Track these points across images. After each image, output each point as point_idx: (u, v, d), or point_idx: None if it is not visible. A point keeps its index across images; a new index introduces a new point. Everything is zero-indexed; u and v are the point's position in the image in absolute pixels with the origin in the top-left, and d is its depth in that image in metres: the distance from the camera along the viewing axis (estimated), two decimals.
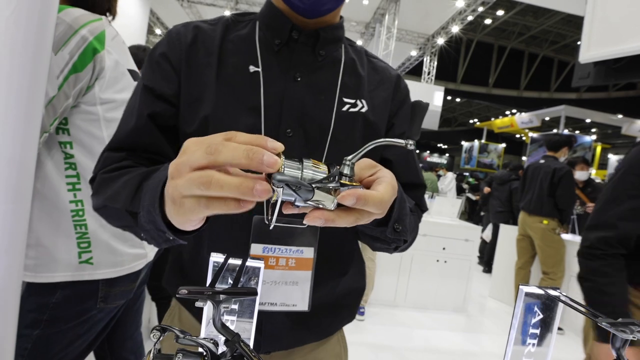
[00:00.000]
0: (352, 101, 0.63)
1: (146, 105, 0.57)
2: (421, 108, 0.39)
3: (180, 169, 0.33)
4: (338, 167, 0.34)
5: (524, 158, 14.79)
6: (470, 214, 8.66)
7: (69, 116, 0.91)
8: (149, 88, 0.58)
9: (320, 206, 0.33)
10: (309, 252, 0.59)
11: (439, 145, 27.71)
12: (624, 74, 2.97)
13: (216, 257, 0.44)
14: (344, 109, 0.62)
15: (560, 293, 0.48)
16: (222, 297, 0.34)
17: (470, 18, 8.55)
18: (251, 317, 0.45)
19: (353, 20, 9.13)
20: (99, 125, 0.94)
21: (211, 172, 0.30)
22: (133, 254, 1.01)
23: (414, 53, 10.63)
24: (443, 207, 4.00)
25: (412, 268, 3.43)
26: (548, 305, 0.48)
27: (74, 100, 0.89)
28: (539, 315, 0.48)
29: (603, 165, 13.45)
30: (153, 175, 0.44)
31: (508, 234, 4.08)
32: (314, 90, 0.61)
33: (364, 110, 0.63)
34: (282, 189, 0.31)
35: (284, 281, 0.58)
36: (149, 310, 2.26)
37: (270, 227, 0.35)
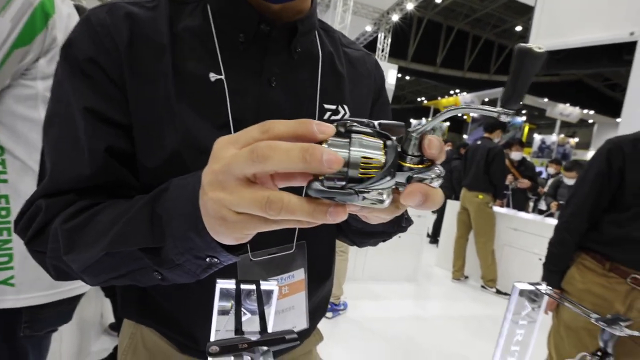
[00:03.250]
0: (334, 107, 0.56)
1: (97, 136, 0.43)
2: (532, 58, 0.25)
3: (222, 180, 0.26)
4: (396, 144, 0.26)
5: (465, 136, 15.90)
6: None
7: None
8: (92, 111, 0.43)
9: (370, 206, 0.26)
10: (299, 274, 0.56)
11: None
12: (563, 65, 3.29)
13: (224, 284, 0.39)
14: (325, 117, 0.55)
15: (547, 288, 0.55)
16: (263, 349, 0.30)
17: None
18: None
19: None
20: (35, 104, 0.73)
21: (278, 195, 0.24)
22: None
23: (369, 28, 10.62)
24: None
25: None
26: (535, 300, 0.55)
27: (13, 79, 0.71)
28: (527, 308, 0.55)
29: (529, 143, 14.95)
30: (168, 196, 0.36)
31: (453, 209, 4.44)
32: (292, 96, 0.52)
33: (345, 117, 0.56)
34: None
35: (280, 310, 0.54)
36: (101, 306, 2.11)
37: None
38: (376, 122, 0.27)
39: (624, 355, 1.24)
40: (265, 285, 0.40)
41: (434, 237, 5.66)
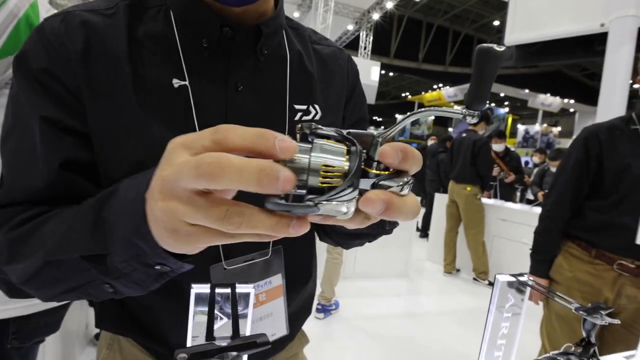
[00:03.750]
0: (304, 107, 0.55)
1: (53, 148, 0.42)
2: (493, 57, 0.24)
3: (171, 188, 0.24)
4: (362, 151, 0.25)
5: (450, 129, 16.10)
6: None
7: None
8: (49, 120, 0.42)
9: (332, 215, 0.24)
10: (277, 280, 0.54)
11: (374, 118, 28.76)
12: (539, 57, 3.37)
13: (199, 289, 0.39)
14: (296, 118, 0.54)
15: (528, 279, 0.55)
16: (232, 354, 0.30)
17: None
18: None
19: None
20: None
21: (238, 208, 0.23)
22: None
23: (350, 27, 10.68)
24: None
25: None
26: (518, 291, 0.55)
27: None
28: (510, 300, 0.54)
29: (513, 134, 15.23)
30: (116, 197, 0.33)
31: (442, 202, 4.48)
32: (261, 99, 0.51)
33: (317, 117, 0.56)
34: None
35: (258, 318, 0.53)
36: (86, 316, 2.07)
37: None
38: (345, 131, 0.26)
39: (618, 343, 1.25)
40: (241, 289, 0.40)
41: (424, 230, 5.70)
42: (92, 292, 0.38)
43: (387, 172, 0.25)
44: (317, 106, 0.56)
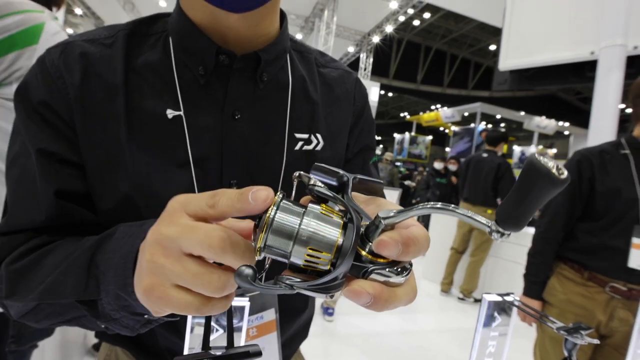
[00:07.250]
0: (305, 136, 0.52)
1: (50, 180, 0.42)
2: (546, 183, 0.17)
3: (168, 245, 0.25)
4: (359, 224, 0.22)
5: (447, 149, 16.23)
6: (404, 200, 9.42)
7: None
8: (46, 153, 0.42)
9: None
10: (269, 314, 0.51)
11: None
12: (533, 82, 3.47)
13: None
14: (297, 147, 0.51)
15: (514, 299, 0.57)
16: None
17: (402, 19, 9.06)
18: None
19: (292, 13, 9.09)
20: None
21: (227, 275, 0.25)
22: None
23: (351, 49, 10.95)
24: (386, 196, 4.24)
25: None
26: (505, 310, 0.57)
27: None
28: (498, 319, 0.56)
29: (509, 155, 15.34)
30: (110, 245, 0.34)
31: (440, 221, 4.48)
32: (259, 128, 0.49)
33: (319, 147, 0.53)
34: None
35: None
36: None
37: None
38: (351, 177, 0.24)
39: None
40: (237, 302, 0.41)
41: None
42: (86, 324, 0.39)
43: (382, 260, 0.22)
44: (319, 135, 0.53)
